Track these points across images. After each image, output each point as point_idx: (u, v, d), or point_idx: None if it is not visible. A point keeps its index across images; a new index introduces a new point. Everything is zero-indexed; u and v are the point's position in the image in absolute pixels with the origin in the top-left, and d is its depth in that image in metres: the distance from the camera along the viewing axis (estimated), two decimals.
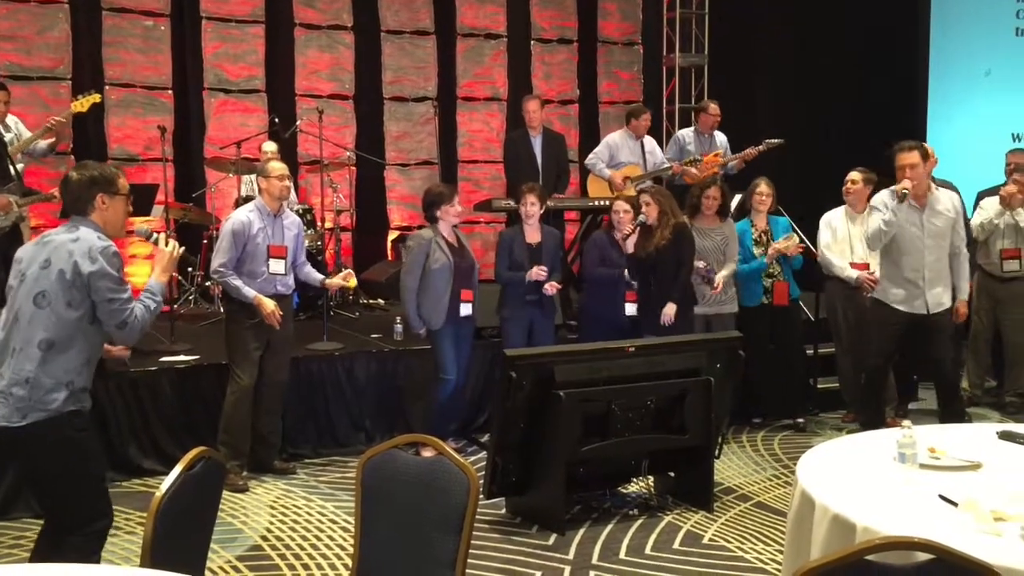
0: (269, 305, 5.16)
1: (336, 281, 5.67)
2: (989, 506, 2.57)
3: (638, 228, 5.84)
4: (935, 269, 5.51)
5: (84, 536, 3.32)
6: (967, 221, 6.53)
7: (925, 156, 5.35)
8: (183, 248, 3.72)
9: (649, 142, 7.73)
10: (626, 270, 5.95)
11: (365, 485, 2.72)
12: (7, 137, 6.10)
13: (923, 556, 2.00)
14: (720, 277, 6.09)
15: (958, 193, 6.56)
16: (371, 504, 2.72)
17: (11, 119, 6.32)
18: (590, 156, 7.71)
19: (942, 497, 2.73)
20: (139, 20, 8.24)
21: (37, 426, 3.22)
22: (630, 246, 5.86)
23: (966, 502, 2.61)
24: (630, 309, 5.97)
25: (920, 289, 5.50)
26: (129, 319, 3.35)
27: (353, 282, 5.93)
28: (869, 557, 1.92)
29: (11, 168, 5.90)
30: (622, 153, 7.57)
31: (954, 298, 5.65)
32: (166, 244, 3.62)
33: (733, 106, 9.87)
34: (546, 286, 5.81)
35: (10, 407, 3.23)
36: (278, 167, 5.37)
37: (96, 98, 6.17)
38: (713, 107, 7.90)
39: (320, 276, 5.64)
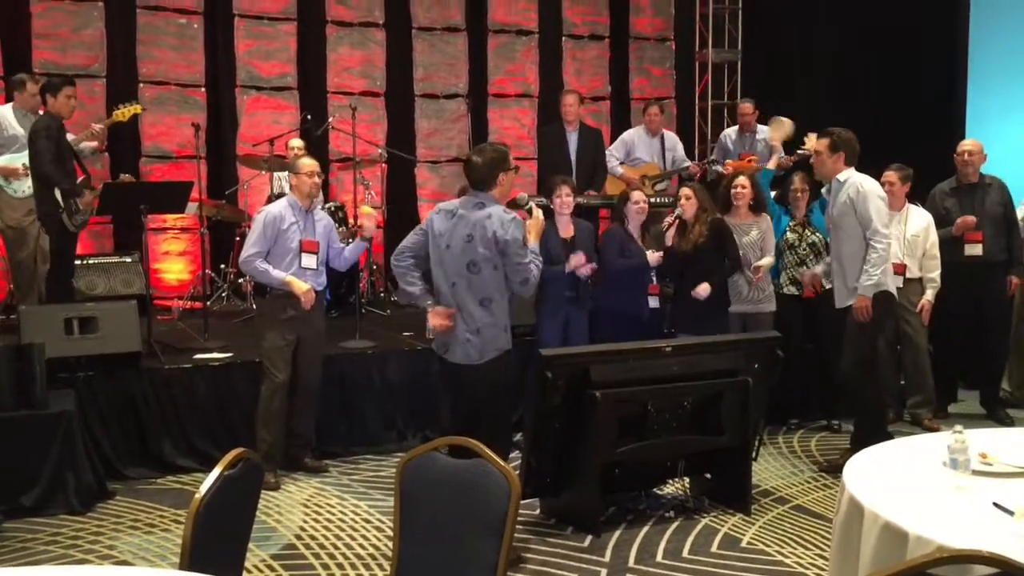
0: (302, 285, 5.17)
1: (368, 219, 5.61)
2: None
3: (676, 221, 5.76)
4: (837, 260, 5.32)
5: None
6: (1012, 215, 6.36)
7: (833, 148, 5.19)
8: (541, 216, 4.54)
9: (670, 139, 7.58)
10: (651, 267, 5.82)
11: (404, 489, 2.69)
12: None
13: (983, 569, 1.93)
14: (762, 263, 5.95)
15: (1006, 188, 6.39)
16: (410, 507, 2.69)
17: None
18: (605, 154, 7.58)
19: (997, 505, 2.66)
20: (173, 18, 8.27)
21: (491, 362, 4.25)
22: (669, 239, 5.77)
23: (1022, 510, 2.53)
24: (652, 302, 5.84)
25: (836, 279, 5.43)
26: (529, 276, 4.24)
27: (367, 212, 5.82)
28: (930, 571, 1.86)
29: (81, 165, 5.93)
30: (638, 149, 7.45)
31: None
32: (531, 214, 4.50)
33: (767, 103, 9.78)
34: (584, 268, 5.70)
35: (470, 349, 4.24)
36: (308, 163, 5.38)
37: (138, 108, 6.29)
38: (744, 106, 7.81)
39: (355, 244, 5.61)
